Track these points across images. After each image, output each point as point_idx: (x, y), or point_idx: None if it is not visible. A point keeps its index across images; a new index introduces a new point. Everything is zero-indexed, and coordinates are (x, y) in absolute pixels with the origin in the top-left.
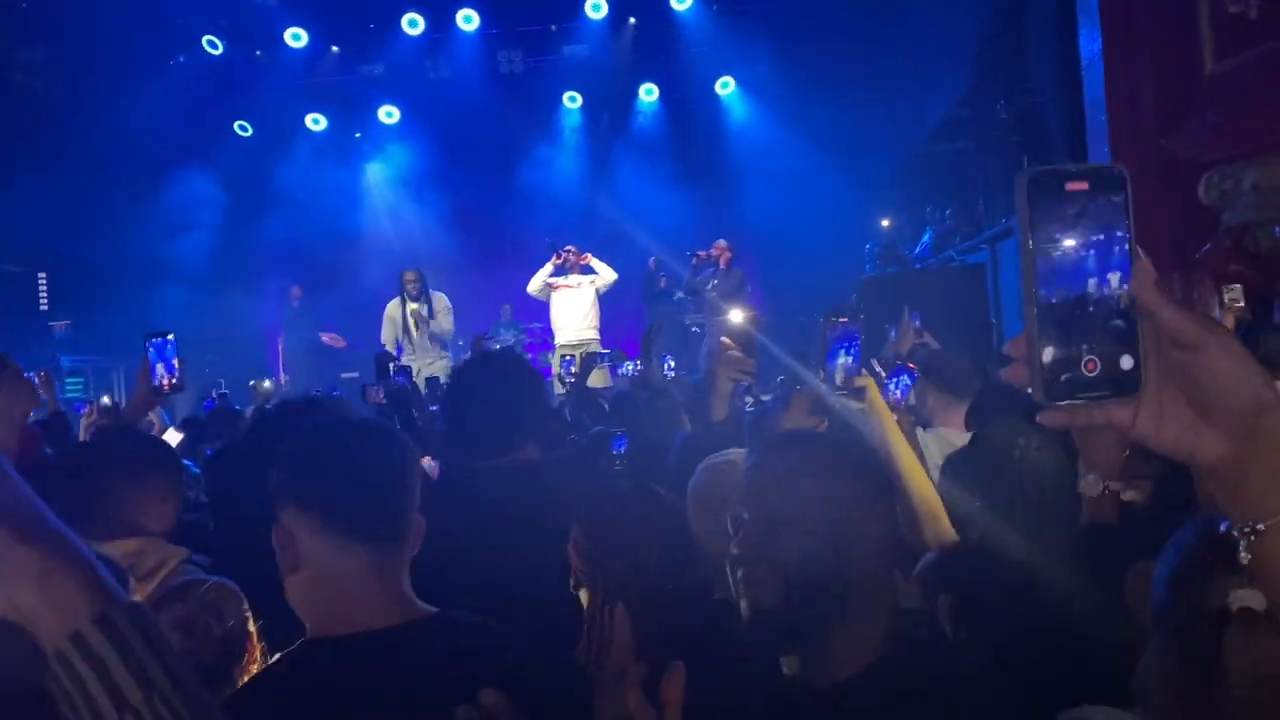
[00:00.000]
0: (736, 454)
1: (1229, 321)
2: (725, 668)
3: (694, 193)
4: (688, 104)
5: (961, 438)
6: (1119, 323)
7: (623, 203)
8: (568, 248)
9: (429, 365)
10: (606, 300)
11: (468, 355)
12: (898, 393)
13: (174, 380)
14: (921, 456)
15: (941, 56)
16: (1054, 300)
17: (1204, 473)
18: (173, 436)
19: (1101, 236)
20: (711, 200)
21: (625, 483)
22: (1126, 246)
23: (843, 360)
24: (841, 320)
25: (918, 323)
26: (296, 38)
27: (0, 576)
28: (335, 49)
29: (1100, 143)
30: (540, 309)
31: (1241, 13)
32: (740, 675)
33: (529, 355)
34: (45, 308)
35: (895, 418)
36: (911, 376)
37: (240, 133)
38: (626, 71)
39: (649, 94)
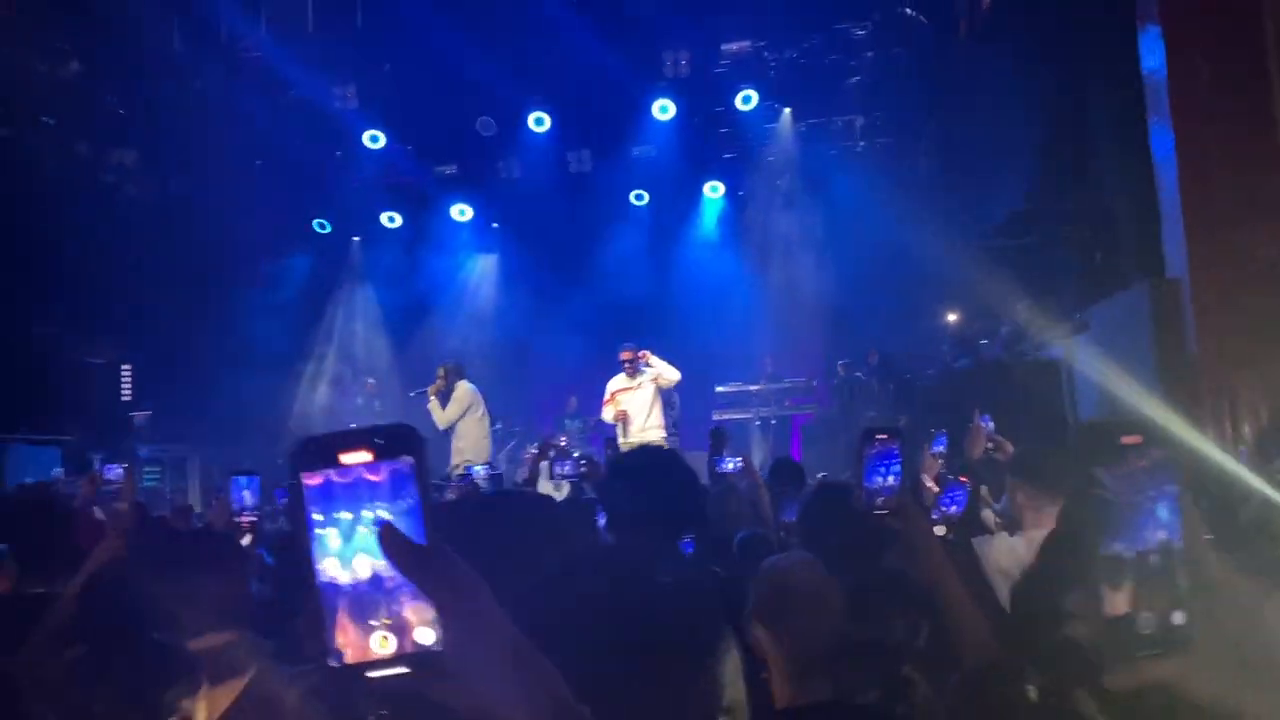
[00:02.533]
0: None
1: None
2: None
3: (759, 285)
4: (753, 200)
5: None
6: (1170, 576)
7: (688, 296)
8: (625, 347)
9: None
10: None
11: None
12: (954, 508)
13: (252, 521)
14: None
15: (1008, 150)
16: (1119, 553)
17: None
18: None
19: (1160, 490)
20: (775, 294)
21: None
22: (1178, 498)
23: (881, 481)
24: (881, 438)
25: (990, 425)
26: (374, 139)
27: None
28: (411, 149)
29: (1175, 238)
30: None
31: None
32: None
33: (593, 449)
34: (128, 398)
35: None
36: (965, 491)
37: (319, 229)
38: (692, 170)
39: (714, 190)
